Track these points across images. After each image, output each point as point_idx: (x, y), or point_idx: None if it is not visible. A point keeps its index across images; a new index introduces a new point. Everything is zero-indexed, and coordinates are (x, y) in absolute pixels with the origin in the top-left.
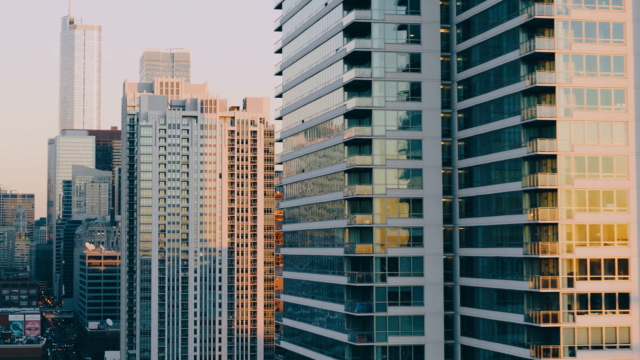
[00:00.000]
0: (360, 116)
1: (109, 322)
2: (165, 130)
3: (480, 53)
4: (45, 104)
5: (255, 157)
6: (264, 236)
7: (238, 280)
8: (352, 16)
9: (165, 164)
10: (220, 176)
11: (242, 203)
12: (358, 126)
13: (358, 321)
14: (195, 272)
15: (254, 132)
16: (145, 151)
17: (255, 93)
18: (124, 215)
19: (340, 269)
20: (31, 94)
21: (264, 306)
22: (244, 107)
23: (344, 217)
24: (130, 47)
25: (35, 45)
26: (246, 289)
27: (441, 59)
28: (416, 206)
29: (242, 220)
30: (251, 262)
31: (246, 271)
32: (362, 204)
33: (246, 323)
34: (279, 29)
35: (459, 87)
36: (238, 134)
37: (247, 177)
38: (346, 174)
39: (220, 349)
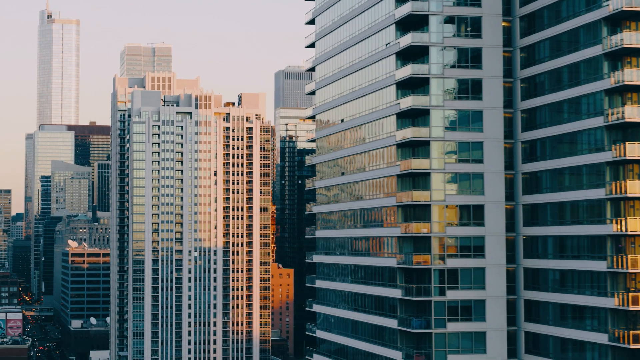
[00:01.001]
0: (413, 116)
1: (93, 320)
2: (158, 126)
3: (550, 48)
4: (23, 99)
5: (251, 155)
6: (260, 235)
7: (233, 280)
8: (407, 7)
9: (158, 162)
10: (215, 174)
11: (238, 202)
12: (414, 127)
13: (413, 337)
14: (190, 272)
15: (250, 128)
16: (138, 148)
17: (242, 90)
18: (114, 214)
19: (392, 280)
20: (8, 88)
21: (260, 307)
22: (239, 103)
23: (397, 225)
24: (109, 42)
25: (12, 39)
26: (241, 289)
27: (502, 54)
28: (477, 213)
29: (238, 219)
30: (247, 262)
31: (241, 271)
32: (416, 211)
33: (242, 324)
34: (312, 21)
35: (522, 85)
36: (233, 130)
37: (242, 175)
38: (398, 179)
39: (215, 351)
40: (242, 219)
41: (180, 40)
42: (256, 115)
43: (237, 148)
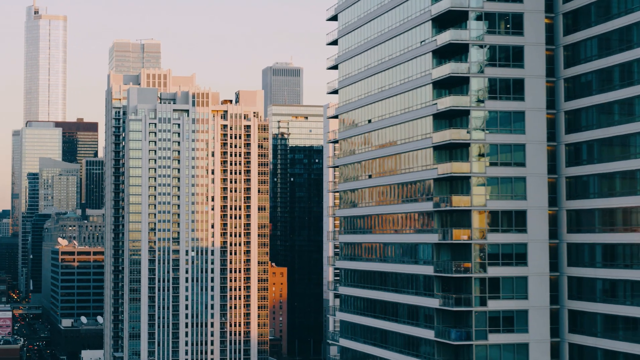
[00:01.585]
0: (451, 116)
1: (84, 319)
2: (155, 124)
3: (599, 47)
4: (9, 95)
5: (249, 153)
6: (258, 235)
7: (231, 280)
8: (446, 3)
9: (155, 160)
10: (213, 172)
11: (235, 200)
12: (453, 128)
13: (451, 349)
14: (187, 272)
15: (248, 126)
16: (135, 146)
17: (230, 87)
18: (109, 212)
19: (427, 289)
20: None
21: (258, 308)
22: (237, 101)
23: (433, 231)
24: (96, 38)
25: None
26: (239, 289)
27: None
28: (519, 219)
29: (235, 218)
30: (244, 261)
31: (239, 271)
32: (454, 217)
33: (239, 325)
34: (334, 18)
35: (566, 85)
36: (231, 128)
37: (240, 173)
38: (435, 183)
39: (212, 352)
40: (239, 218)
41: (168, 37)
42: (254, 113)
43: (235, 146)
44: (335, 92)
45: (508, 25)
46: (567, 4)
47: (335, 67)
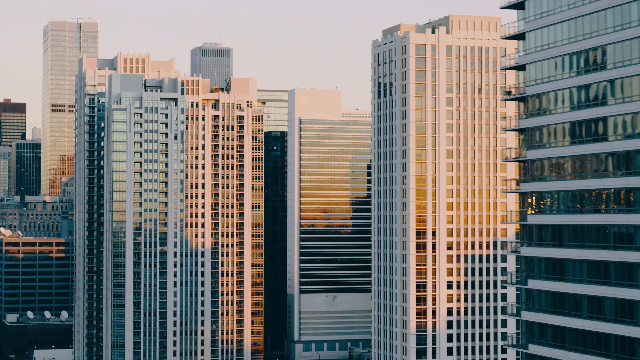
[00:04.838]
0: None
1: (30, 314)
2: (141, 114)
3: None
4: None
5: (242, 146)
6: (252, 235)
7: (222, 285)
8: None
9: (141, 153)
10: (203, 167)
11: (227, 198)
12: None
13: None
14: (175, 276)
15: (241, 117)
16: (118, 138)
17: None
18: (82, 208)
19: None
20: None
21: (251, 314)
22: (227, 89)
23: None
24: (25, 17)
25: None
26: (231, 294)
27: None
28: None
29: (227, 217)
30: (237, 264)
31: (231, 275)
32: None
33: (231, 333)
34: (517, 6)
35: None
36: (223, 119)
37: (232, 168)
38: None
39: None
40: (232, 217)
41: (101, 15)
42: (247, 102)
43: (227, 138)
44: (522, 99)
45: None
46: None
47: (522, 68)
